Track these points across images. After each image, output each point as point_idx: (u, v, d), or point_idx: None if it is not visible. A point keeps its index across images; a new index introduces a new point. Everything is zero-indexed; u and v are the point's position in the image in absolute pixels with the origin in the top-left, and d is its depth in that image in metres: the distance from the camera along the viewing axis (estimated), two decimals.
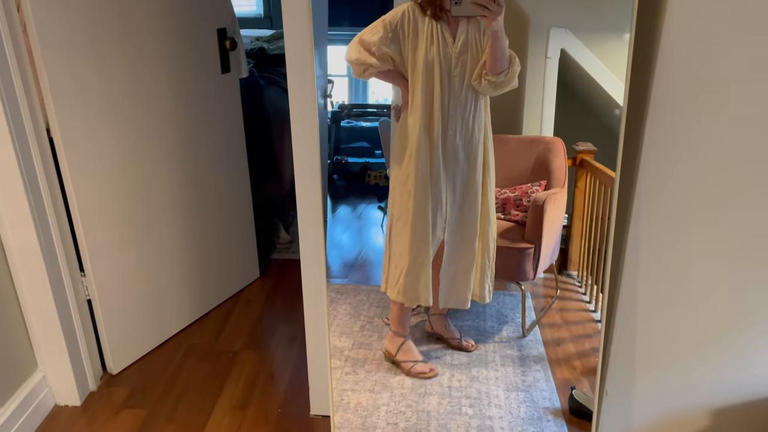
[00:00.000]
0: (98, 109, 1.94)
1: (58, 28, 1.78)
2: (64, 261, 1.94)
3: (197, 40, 2.26)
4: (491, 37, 1.61)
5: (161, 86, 2.15)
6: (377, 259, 2.94)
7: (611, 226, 1.47)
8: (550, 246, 2.01)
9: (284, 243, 3.24)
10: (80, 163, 1.91)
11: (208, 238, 2.50)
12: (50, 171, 1.87)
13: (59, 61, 1.80)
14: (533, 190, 2.09)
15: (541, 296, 2.36)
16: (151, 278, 2.27)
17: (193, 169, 2.35)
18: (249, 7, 5.62)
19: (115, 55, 1.97)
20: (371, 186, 2.67)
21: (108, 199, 2.04)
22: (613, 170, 1.52)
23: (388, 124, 1.98)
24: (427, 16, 1.65)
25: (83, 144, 1.91)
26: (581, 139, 2.26)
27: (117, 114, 2.00)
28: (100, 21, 1.89)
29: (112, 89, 1.98)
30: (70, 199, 1.93)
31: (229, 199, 2.59)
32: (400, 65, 1.71)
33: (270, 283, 2.82)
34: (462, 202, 1.79)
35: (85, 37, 1.86)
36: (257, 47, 3.47)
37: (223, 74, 2.39)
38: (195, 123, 2.31)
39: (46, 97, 1.79)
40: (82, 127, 1.90)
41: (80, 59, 1.86)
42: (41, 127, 1.83)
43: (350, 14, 2.08)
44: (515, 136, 2.17)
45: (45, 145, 1.84)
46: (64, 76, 1.82)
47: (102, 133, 1.97)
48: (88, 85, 1.90)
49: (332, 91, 2.06)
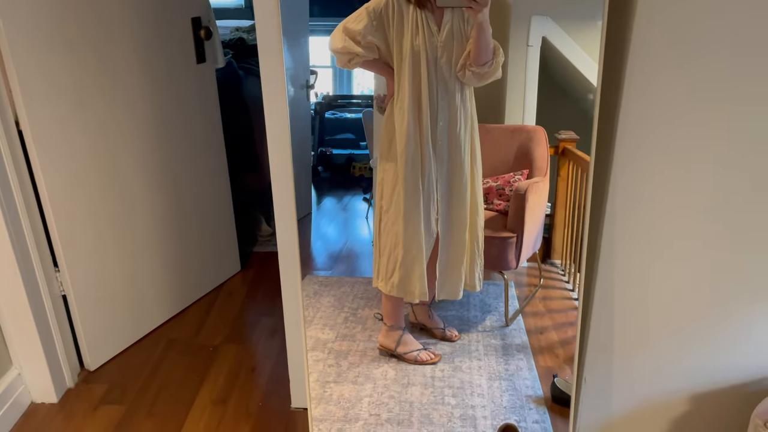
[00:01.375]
0: (69, 101, 1.89)
1: (26, 17, 1.73)
2: (37, 256, 1.89)
3: (171, 30, 2.21)
4: (476, 28, 1.59)
5: (134, 77, 2.10)
6: (362, 250, 2.93)
7: (587, 212, 1.46)
8: (532, 235, 2.01)
9: (266, 236, 3.21)
10: (51, 156, 1.86)
11: (186, 231, 2.46)
12: (20, 164, 1.82)
13: (27, 52, 1.74)
14: (515, 180, 2.08)
15: (524, 285, 2.36)
16: (128, 272, 2.22)
17: (169, 160, 2.31)
18: None
19: (86, 45, 1.91)
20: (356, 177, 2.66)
21: (81, 192, 1.99)
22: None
23: (372, 115, 1.97)
24: (411, 4, 1.62)
25: (54, 137, 1.86)
26: (564, 128, 2.26)
27: (88, 106, 1.95)
28: (69, 9, 1.84)
29: (83, 80, 1.92)
30: (41, 193, 1.88)
31: (207, 192, 2.55)
32: (386, 54, 1.69)
33: (251, 276, 2.79)
34: (452, 193, 1.78)
35: (53, 26, 1.81)
36: (236, 37, 3.42)
37: (198, 64, 2.34)
38: (170, 114, 2.27)
39: (14, 88, 1.74)
40: (52, 119, 1.85)
41: (48, 49, 1.81)
42: (9, 119, 1.77)
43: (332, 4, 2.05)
44: (497, 126, 2.17)
45: (14, 137, 1.79)
46: (31, 67, 1.76)
47: (73, 125, 1.92)
48: (57, 76, 1.84)
49: (315, 82, 2.04)
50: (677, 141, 1.36)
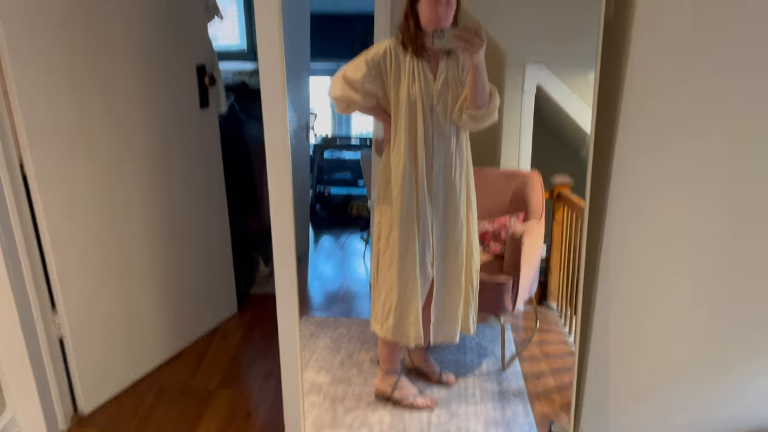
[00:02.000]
0: (73, 145, 1.92)
1: (35, 63, 1.77)
2: (35, 298, 1.89)
3: (176, 76, 2.26)
4: (472, 70, 1.62)
5: (139, 121, 2.14)
6: (359, 290, 2.93)
7: (582, 256, 1.47)
8: (528, 278, 2.02)
9: (263, 277, 3.21)
10: (54, 199, 1.88)
11: (184, 273, 2.46)
12: (23, 207, 1.84)
13: (35, 97, 1.78)
14: (511, 223, 2.10)
15: (521, 328, 2.36)
16: (125, 315, 2.22)
17: (169, 203, 2.33)
18: (233, 40, 5.66)
19: (93, 90, 1.96)
20: (354, 217, 2.67)
21: (82, 234, 2.00)
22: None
23: (370, 156, 1.99)
24: (408, 53, 1.67)
25: (57, 180, 1.89)
26: (558, 172, 2.29)
27: (93, 149, 1.99)
28: (78, 55, 1.89)
29: (89, 124, 1.96)
30: (42, 235, 1.89)
31: (206, 233, 2.56)
32: (384, 101, 1.72)
33: (248, 319, 2.78)
34: (448, 237, 1.79)
35: (62, 70, 1.85)
36: (239, 81, 3.49)
37: (201, 109, 2.39)
38: (172, 157, 2.30)
39: (21, 133, 1.77)
40: (56, 162, 1.87)
41: (57, 94, 1.85)
42: (14, 162, 1.80)
43: (332, 47, 2.10)
44: (493, 170, 2.20)
45: (18, 180, 1.82)
46: (39, 112, 1.80)
47: (77, 168, 1.95)
48: (64, 120, 1.88)
49: (315, 123, 2.08)
50: (672, 184, 1.37)
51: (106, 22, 1.96)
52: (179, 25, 2.25)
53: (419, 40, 1.65)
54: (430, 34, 1.62)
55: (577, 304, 1.51)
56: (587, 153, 1.44)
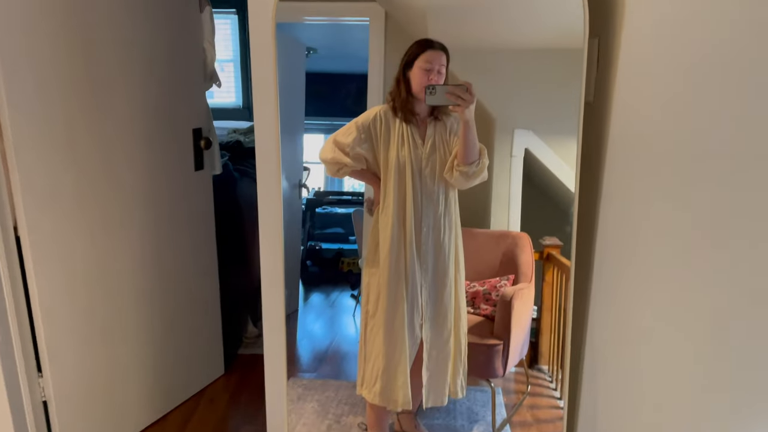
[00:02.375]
0: (68, 207, 1.94)
1: (34, 128, 1.80)
2: (22, 361, 1.87)
3: (173, 139, 2.31)
4: (463, 126, 1.67)
5: (134, 183, 2.16)
6: (349, 350, 2.89)
7: (569, 319, 1.47)
8: (519, 341, 2.01)
9: (251, 337, 3.17)
10: (46, 262, 1.88)
11: (171, 335, 2.43)
12: (14, 269, 1.84)
13: (33, 161, 1.81)
14: (501, 284, 2.11)
15: (512, 392, 2.32)
16: (111, 378, 2.18)
17: (160, 265, 2.33)
18: (228, 98, 5.77)
19: (91, 154, 1.99)
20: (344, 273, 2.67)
21: (72, 297, 1.99)
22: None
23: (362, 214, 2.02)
24: (398, 118, 1.72)
25: (50, 242, 1.89)
26: (548, 233, 2.32)
27: (87, 211, 2.00)
28: (78, 120, 1.93)
29: (84, 187, 1.98)
30: (32, 298, 1.88)
31: (196, 297, 2.55)
32: (373, 164, 1.77)
33: (234, 381, 2.73)
34: (436, 299, 1.79)
35: (61, 134, 1.88)
36: (233, 140, 3.54)
37: (196, 171, 2.42)
38: (165, 219, 2.32)
39: (17, 195, 1.79)
40: (50, 225, 1.88)
41: (54, 157, 1.87)
42: (9, 225, 1.81)
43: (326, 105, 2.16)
44: (483, 231, 2.22)
45: (11, 243, 1.82)
46: (36, 175, 1.82)
47: (70, 230, 1.95)
48: (60, 182, 1.90)
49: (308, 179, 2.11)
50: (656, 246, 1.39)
51: (107, 88, 2.02)
52: (178, 91, 2.32)
53: (409, 105, 1.71)
54: (420, 100, 1.67)
55: (565, 366, 1.51)
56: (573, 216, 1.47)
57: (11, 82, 1.72)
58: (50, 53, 1.82)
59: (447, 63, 1.68)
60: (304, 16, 1.81)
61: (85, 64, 1.93)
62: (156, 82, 2.20)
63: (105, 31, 1.98)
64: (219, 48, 2.60)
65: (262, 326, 3.17)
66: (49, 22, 1.81)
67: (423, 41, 1.66)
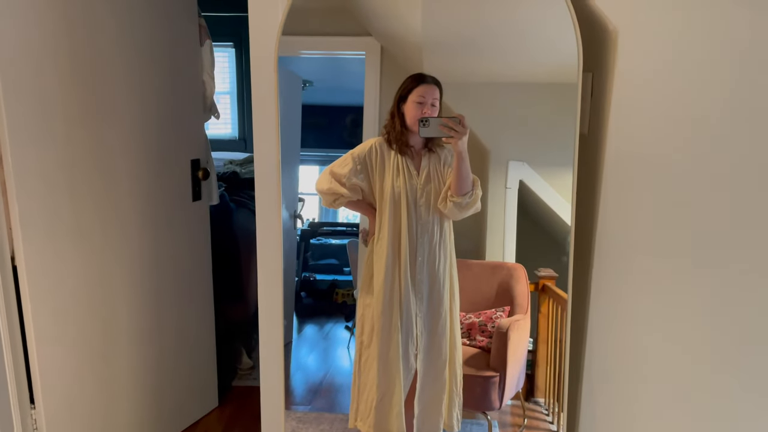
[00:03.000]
0: (66, 238, 1.94)
1: (34, 158, 1.82)
2: (15, 392, 1.85)
3: (171, 170, 2.33)
4: (456, 158, 1.70)
5: (131, 214, 2.17)
6: (343, 382, 2.85)
7: (566, 352, 1.47)
8: (515, 373, 1.99)
9: (246, 369, 3.14)
10: (42, 292, 1.88)
11: (165, 366, 2.41)
12: (10, 299, 1.83)
13: (33, 193, 1.82)
14: (497, 316, 2.10)
15: (508, 425, 2.29)
16: (103, 410, 2.15)
17: (156, 294, 2.32)
18: (224, 129, 5.82)
19: (90, 183, 2.00)
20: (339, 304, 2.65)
21: (66, 328, 1.98)
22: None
23: (357, 245, 2.02)
24: (393, 150, 1.74)
25: (47, 273, 1.89)
26: (543, 265, 2.32)
27: (84, 242, 2.00)
28: (77, 151, 1.94)
29: (82, 219, 1.99)
30: (27, 329, 1.87)
31: (191, 327, 2.53)
32: (369, 195, 1.78)
33: (228, 413, 2.69)
34: (431, 330, 1.79)
35: (61, 168, 1.90)
36: (230, 171, 3.57)
37: (193, 202, 2.43)
38: (162, 249, 2.32)
39: (15, 226, 1.79)
40: (47, 255, 1.88)
41: (54, 190, 1.88)
42: (6, 255, 1.81)
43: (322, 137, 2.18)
44: (478, 261, 2.22)
45: (8, 274, 1.82)
46: (35, 207, 1.83)
47: (67, 261, 1.95)
48: (58, 214, 1.91)
49: (302, 210, 2.12)
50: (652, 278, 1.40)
51: (108, 119, 2.04)
52: (178, 122, 2.35)
53: (404, 138, 1.73)
54: (414, 133, 1.70)
55: (563, 398, 1.50)
56: (569, 247, 1.48)
57: (13, 113, 1.74)
58: (52, 85, 1.84)
59: (440, 96, 1.71)
60: (300, 50, 1.85)
61: (86, 95, 1.95)
62: (156, 113, 2.22)
63: (107, 62, 2.01)
64: (216, 81, 2.64)
65: (256, 358, 3.14)
66: (51, 55, 1.84)
67: (416, 76, 1.69)
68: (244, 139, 5.75)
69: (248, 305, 3.14)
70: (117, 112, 2.06)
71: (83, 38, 1.93)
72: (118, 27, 2.04)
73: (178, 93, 2.32)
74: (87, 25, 1.93)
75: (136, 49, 2.12)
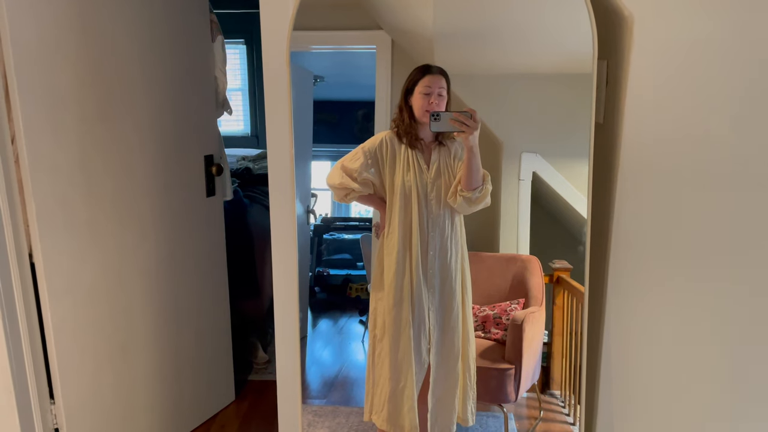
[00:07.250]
0: (82, 235, 1.96)
1: (50, 157, 1.84)
2: (35, 389, 1.87)
3: (184, 166, 2.34)
4: (467, 152, 1.69)
5: (147, 210, 2.19)
6: (358, 376, 2.86)
7: (584, 343, 1.46)
8: (531, 365, 1.99)
9: (261, 363, 3.16)
10: (60, 288, 1.90)
11: (183, 361, 2.43)
12: (29, 297, 1.85)
13: (48, 190, 1.84)
14: (512, 308, 2.09)
15: (524, 417, 2.29)
16: (121, 404, 2.18)
17: (172, 290, 2.34)
18: (237, 126, 5.84)
19: (104, 180, 2.02)
20: (352, 299, 2.65)
21: (85, 324, 2.00)
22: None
23: (370, 239, 2.02)
24: (403, 144, 1.74)
25: (64, 269, 1.91)
26: (557, 256, 2.30)
27: (100, 238, 2.02)
28: (93, 149, 1.96)
29: (98, 215, 2.01)
30: (46, 325, 1.89)
31: (207, 322, 2.55)
32: (380, 189, 1.78)
33: (245, 407, 2.72)
34: (444, 323, 1.79)
35: (76, 164, 1.91)
36: (243, 167, 3.58)
37: (207, 197, 2.45)
38: (177, 245, 2.34)
39: (32, 223, 1.81)
40: (64, 252, 1.90)
41: (70, 187, 1.90)
42: (24, 252, 1.83)
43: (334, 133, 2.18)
44: (492, 254, 2.22)
45: (26, 270, 1.84)
46: (51, 203, 1.85)
47: (84, 257, 1.97)
48: (74, 210, 1.93)
49: (315, 205, 2.12)
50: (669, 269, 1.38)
51: (121, 116, 2.06)
52: (191, 118, 2.36)
53: (413, 131, 1.73)
54: (424, 126, 1.69)
55: (581, 388, 1.49)
56: (585, 238, 1.47)
57: (28, 112, 1.75)
58: (66, 82, 1.86)
59: (448, 86, 1.70)
60: (311, 45, 1.84)
61: (101, 92, 1.97)
62: (169, 109, 2.24)
63: (121, 59, 2.03)
64: (228, 77, 2.65)
65: (271, 352, 3.16)
66: (65, 52, 1.85)
67: (422, 67, 1.69)
68: (257, 135, 5.76)
69: (263, 300, 3.16)
70: (131, 108, 2.08)
71: (97, 35, 1.94)
72: (131, 23, 2.05)
73: (190, 88, 2.34)
74: (101, 23, 1.95)
75: (149, 44, 2.13)
